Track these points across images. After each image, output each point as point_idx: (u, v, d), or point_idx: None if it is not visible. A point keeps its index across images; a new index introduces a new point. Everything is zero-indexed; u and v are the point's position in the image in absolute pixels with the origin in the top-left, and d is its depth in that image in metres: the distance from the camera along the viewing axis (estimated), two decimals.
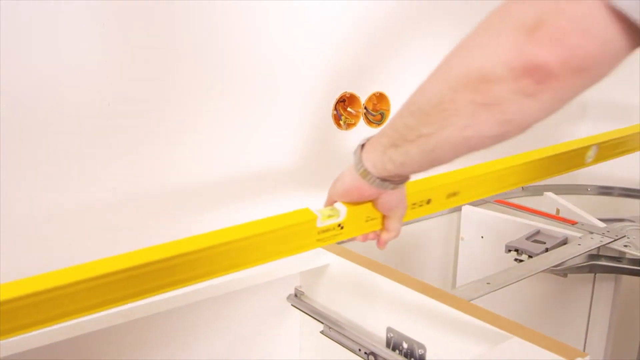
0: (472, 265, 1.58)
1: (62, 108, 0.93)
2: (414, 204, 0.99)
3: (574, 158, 1.24)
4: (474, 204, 1.59)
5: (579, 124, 1.98)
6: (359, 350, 1.08)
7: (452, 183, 1.05)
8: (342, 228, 0.88)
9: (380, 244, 0.88)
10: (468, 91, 0.57)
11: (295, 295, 1.24)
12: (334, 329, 1.13)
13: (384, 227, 0.87)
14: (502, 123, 0.57)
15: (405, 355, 1.03)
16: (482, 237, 1.54)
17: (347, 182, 0.79)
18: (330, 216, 0.86)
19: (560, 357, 0.81)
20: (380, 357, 1.04)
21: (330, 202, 0.84)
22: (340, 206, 0.86)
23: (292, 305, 1.24)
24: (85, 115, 0.96)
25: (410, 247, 1.54)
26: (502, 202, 1.59)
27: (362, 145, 0.76)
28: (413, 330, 1.02)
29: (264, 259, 0.85)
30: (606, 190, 1.83)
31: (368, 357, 1.06)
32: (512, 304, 1.51)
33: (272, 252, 0.85)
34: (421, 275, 1.57)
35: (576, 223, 1.43)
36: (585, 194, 1.83)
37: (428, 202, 1.01)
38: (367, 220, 0.91)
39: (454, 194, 1.05)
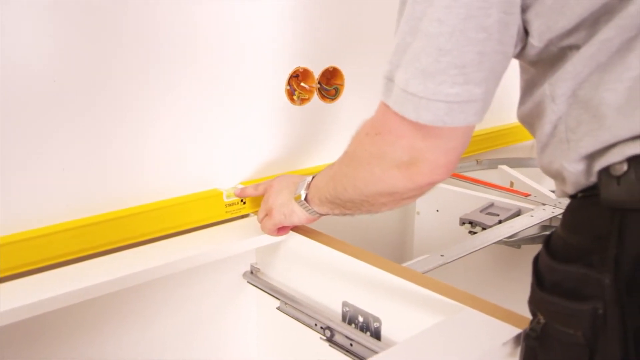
0: (428, 239, 1.59)
1: (5, 85, 0.90)
2: None
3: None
4: None
5: None
6: (315, 325, 1.08)
7: None
8: (244, 203, 1.21)
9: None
10: (383, 197, 0.83)
11: (251, 272, 1.24)
12: (290, 305, 1.13)
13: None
14: (402, 201, 0.85)
15: (361, 329, 1.03)
16: (437, 210, 1.55)
17: (303, 217, 1.05)
18: (234, 194, 1.18)
19: (512, 326, 0.82)
20: (336, 331, 1.05)
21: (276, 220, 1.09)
22: (241, 186, 1.20)
23: (247, 282, 1.23)
24: (31, 92, 0.93)
25: (367, 223, 1.54)
26: (457, 175, 1.60)
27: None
28: (368, 304, 1.02)
29: (187, 224, 1.14)
30: None
31: (324, 331, 1.06)
32: (468, 276, 1.53)
33: (192, 219, 1.14)
34: (378, 250, 1.57)
35: (529, 195, 1.45)
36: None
37: None
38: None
39: None
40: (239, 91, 1.18)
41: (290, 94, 1.26)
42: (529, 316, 0.74)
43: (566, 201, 0.72)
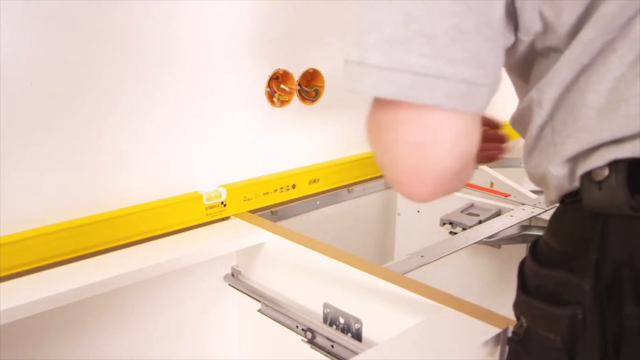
0: (410, 239, 1.60)
1: None
2: (282, 188, 1.32)
3: None
4: None
5: None
6: (297, 327, 1.08)
7: (313, 171, 1.38)
8: (225, 205, 1.21)
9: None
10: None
11: (232, 275, 1.23)
12: (272, 307, 1.13)
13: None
14: None
15: (342, 330, 1.03)
16: (418, 211, 1.55)
17: None
18: (214, 196, 1.18)
19: (492, 326, 0.83)
20: (318, 333, 1.05)
21: None
22: (221, 189, 1.20)
23: (229, 284, 1.23)
24: (6, 96, 0.92)
25: (348, 224, 1.54)
26: None
27: None
28: (349, 305, 1.02)
29: (168, 227, 1.13)
30: None
31: (305, 333, 1.06)
32: (450, 276, 1.53)
33: (173, 222, 1.14)
34: (360, 252, 1.58)
35: (509, 195, 1.45)
36: (519, 167, 1.87)
37: (293, 186, 1.34)
38: (245, 200, 1.25)
39: (315, 181, 1.38)
40: (219, 94, 1.18)
41: (270, 96, 1.26)
42: (509, 316, 0.74)
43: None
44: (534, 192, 1.49)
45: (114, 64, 1.02)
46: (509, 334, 0.72)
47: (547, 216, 1.33)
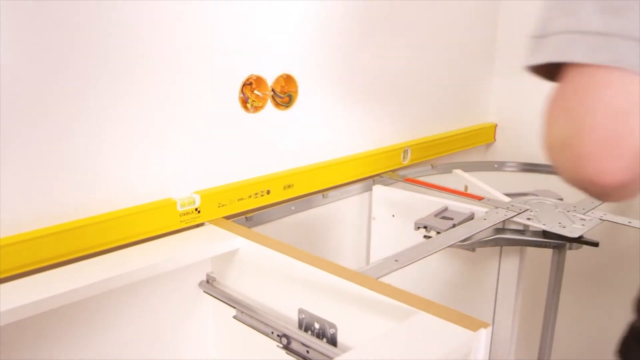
0: (385, 244, 1.60)
1: None
2: (256, 194, 1.32)
3: (393, 158, 1.65)
4: (384, 183, 1.61)
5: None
6: (272, 333, 1.08)
7: (287, 176, 1.38)
8: (199, 212, 1.21)
9: None
10: None
11: (207, 281, 1.23)
12: (247, 313, 1.12)
13: None
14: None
15: (317, 336, 1.04)
16: (393, 215, 1.56)
17: None
18: (188, 203, 1.18)
19: (465, 329, 0.84)
20: (293, 338, 1.05)
21: None
22: (195, 195, 1.19)
23: (204, 291, 1.23)
24: None
25: (323, 229, 1.55)
26: (411, 180, 1.61)
27: None
28: (324, 311, 1.03)
29: (141, 234, 1.12)
30: (511, 166, 1.89)
31: (281, 339, 1.06)
32: (425, 280, 1.54)
33: (146, 229, 1.13)
34: (335, 256, 1.59)
35: (483, 199, 1.47)
36: (493, 170, 1.89)
37: (268, 192, 1.34)
38: (219, 206, 1.25)
39: (289, 186, 1.38)
40: (192, 100, 1.17)
41: (244, 101, 1.26)
42: (486, 318, 0.74)
43: (519, 204, 0.73)
44: (507, 194, 1.51)
45: (82, 67, 1.01)
46: (490, 336, 0.72)
47: (520, 219, 1.34)
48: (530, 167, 1.86)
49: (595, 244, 1.26)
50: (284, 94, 1.34)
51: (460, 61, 1.88)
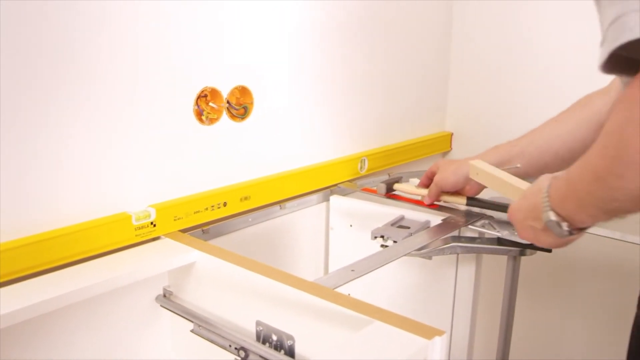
0: (343, 254, 1.61)
1: None
2: (213, 206, 1.31)
3: (350, 167, 1.67)
4: (342, 193, 1.62)
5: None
6: (230, 346, 1.08)
7: (244, 188, 1.38)
8: (154, 225, 1.20)
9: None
10: None
11: (164, 296, 1.22)
12: (204, 327, 1.12)
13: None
14: None
15: (275, 348, 1.03)
16: (350, 225, 1.57)
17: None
18: (143, 217, 1.17)
19: (420, 337, 0.84)
20: (251, 351, 1.04)
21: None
22: (150, 209, 1.18)
23: (161, 305, 1.22)
24: None
25: (281, 240, 1.55)
26: (369, 190, 1.62)
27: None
28: (281, 322, 1.03)
29: (96, 249, 1.11)
30: None
31: (239, 352, 1.06)
32: (384, 289, 1.55)
33: (101, 243, 1.12)
34: (294, 267, 1.59)
35: (438, 207, 1.48)
36: None
37: (225, 204, 1.34)
38: (175, 219, 1.24)
39: (246, 198, 1.38)
40: (147, 112, 1.17)
41: (199, 114, 1.26)
42: (444, 325, 0.75)
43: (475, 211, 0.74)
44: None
45: (39, 83, 1.00)
46: (446, 344, 0.73)
47: (475, 226, 1.36)
48: None
49: (549, 250, 1.28)
50: (240, 105, 1.34)
51: (416, 71, 1.90)
